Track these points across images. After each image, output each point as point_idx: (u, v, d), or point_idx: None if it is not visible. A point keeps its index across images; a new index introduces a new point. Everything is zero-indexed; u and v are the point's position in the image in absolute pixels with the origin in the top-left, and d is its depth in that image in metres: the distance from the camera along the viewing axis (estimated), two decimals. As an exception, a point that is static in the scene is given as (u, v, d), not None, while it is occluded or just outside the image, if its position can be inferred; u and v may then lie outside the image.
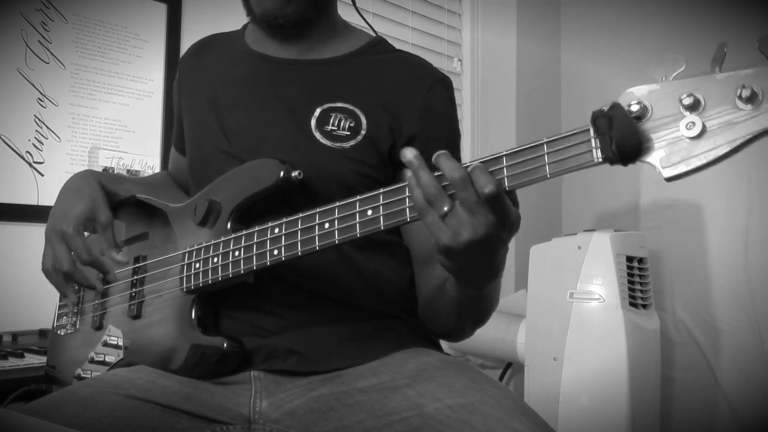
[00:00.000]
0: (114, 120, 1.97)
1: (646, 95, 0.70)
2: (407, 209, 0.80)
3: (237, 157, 1.04)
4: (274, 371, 0.99)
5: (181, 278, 1.01)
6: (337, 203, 0.86)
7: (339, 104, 1.03)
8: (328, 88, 1.05)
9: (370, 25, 1.18)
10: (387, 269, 1.05)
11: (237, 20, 1.20)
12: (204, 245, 0.99)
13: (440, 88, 1.07)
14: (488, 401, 0.85)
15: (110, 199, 1.10)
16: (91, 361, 1.09)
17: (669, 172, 0.69)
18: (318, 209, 0.88)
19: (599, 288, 2.00)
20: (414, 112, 1.04)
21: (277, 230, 0.91)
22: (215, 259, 0.97)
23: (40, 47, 1.84)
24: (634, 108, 0.69)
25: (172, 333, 1.01)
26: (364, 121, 1.02)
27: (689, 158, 0.68)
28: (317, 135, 1.02)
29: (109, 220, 1.07)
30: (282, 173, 0.96)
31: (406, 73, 1.07)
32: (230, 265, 0.96)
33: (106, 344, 1.08)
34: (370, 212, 0.83)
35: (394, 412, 0.88)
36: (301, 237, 0.89)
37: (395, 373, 0.95)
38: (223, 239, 0.98)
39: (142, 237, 1.12)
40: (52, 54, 1.86)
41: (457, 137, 1.10)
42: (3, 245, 1.76)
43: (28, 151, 1.81)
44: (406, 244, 1.07)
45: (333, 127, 1.02)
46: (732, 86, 0.66)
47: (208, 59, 1.17)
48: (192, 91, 1.16)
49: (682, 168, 0.68)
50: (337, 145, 1.01)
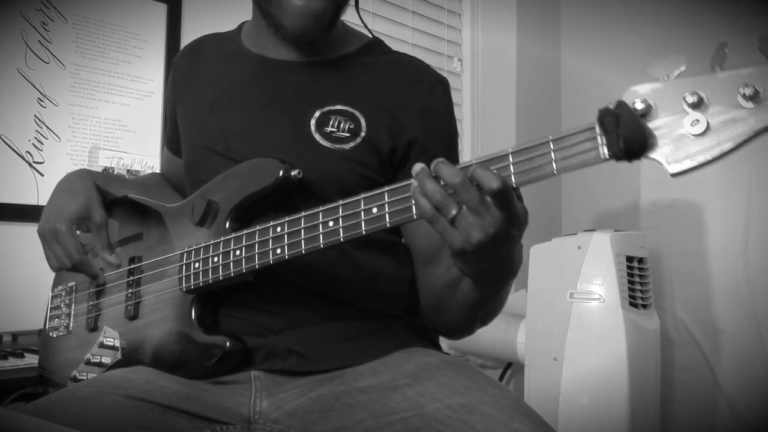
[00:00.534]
0: (114, 120, 1.97)
1: (650, 93, 0.71)
2: (413, 206, 0.81)
3: (235, 160, 1.04)
4: (274, 371, 0.99)
5: (180, 278, 1.01)
6: (341, 202, 0.86)
7: (338, 107, 1.03)
8: (327, 91, 1.05)
9: (366, 26, 1.18)
10: (387, 269, 1.05)
11: (237, 20, 1.20)
12: (203, 245, 0.99)
13: (439, 90, 1.08)
14: (488, 401, 0.85)
15: (104, 198, 1.10)
16: (88, 363, 1.08)
17: (674, 168, 0.70)
18: (321, 208, 0.88)
19: (599, 288, 2.00)
20: (414, 114, 1.04)
21: (279, 229, 0.91)
22: (215, 259, 0.97)
23: (40, 47, 1.84)
24: (639, 106, 0.70)
25: (172, 333, 1.01)
26: (364, 123, 1.03)
27: (694, 154, 0.69)
28: (317, 137, 1.02)
29: (104, 220, 1.07)
30: (281, 172, 0.96)
31: (405, 74, 1.07)
32: (231, 264, 0.95)
33: (102, 345, 1.08)
34: (375, 210, 0.83)
35: (394, 412, 0.88)
36: (305, 235, 0.89)
37: (395, 373, 0.95)
38: (223, 239, 0.97)
39: (137, 238, 1.12)
40: (52, 54, 1.86)
41: (455, 137, 1.10)
42: (3, 245, 1.76)
43: (28, 151, 1.81)
44: (407, 243, 1.07)
45: (333, 129, 1.02)
46: (734, 85, 0.68)
47: (204, 60, 1.17)
48: (188, 92, 1.16)
49: (688, 164, 0.69)
50: (337, 146, 1.01)
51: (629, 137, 0.70)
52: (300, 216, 0.90)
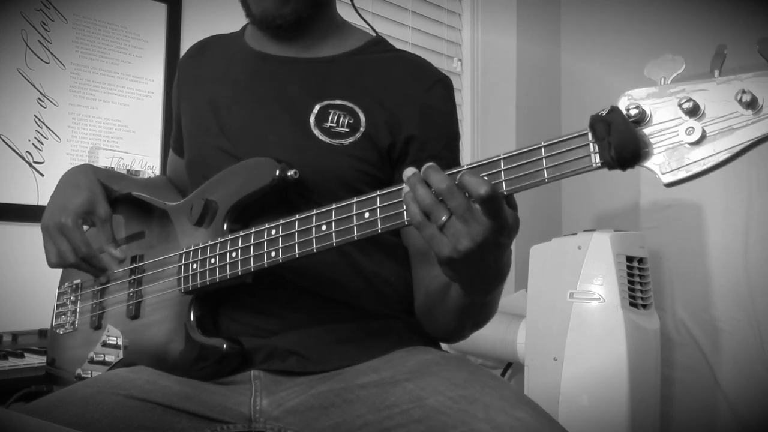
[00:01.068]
0: (114, 120, 1.97)
1: (645, 98, 0.69)
2: (405, 212, 0.80)
3: (236, 156, 1.04)
4: (274, 371, 0.99)
5: (179, 279, 1.01)
6: (334, 205, 0.86)
7: (338, 101, 1.03)
8: (327, 86, 1.05)
9: (369, 25, 1.18)
10: (387, 270, 1.05)
11: (237, 20, 1.20)
12: (201, 246, 0.99)
13: (440, 88, 1.07)
14: (489, 392, 0.85)
15: (107, 194, 1.10)
16: (91, 361, 1.09)
17: (668, 178, 0.68)
18: (315, 211, 0.87)
19: (599, 288, 2.00)
20: (413, 112, 1.04)
21: (273, 232, 0.91)
22: (212, 260, 0.97)
23: (40, 47, 1.84)
24: (633, 112, 0.68)
25: (171, 333, 1.01)
26: (363, 119, 1.02)
27: (689, 164, 0.67)
28: (316, 132, 1.02)
29: (108, 215, 1.07)
30: (278, 172, 0.96)
31: (406, 72, 1.07)
32: (228, 266, 0.95)
33: (105, 344, 1.08)
34: (367, 215, 0.83)
35: (395, 405, 0.88)
36: (299, 239, 0.89)
37: (395, 370, 0.95)
38: (219, 240, 0.97)
39: (139, 236, 1.12)
40: (52, 54, 1.86)
41: (456, 137, 1.10)
42: (3, 245, 1.76)
43: (28, 151, 1.81)
44: (404, 242, 1.07)
45: (332, 124, 1.02)
46: (732, 91, 0.65)
47: (207, 60, 1.17)
48: (191, 91, 1.16)
49: (682, 174, 0.67)
50: (336, 142, 1.01)
51: (621, 145, 0.68)
52: (294, 219, 0.89)
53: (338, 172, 1.01)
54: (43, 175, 1.82)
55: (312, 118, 1.02)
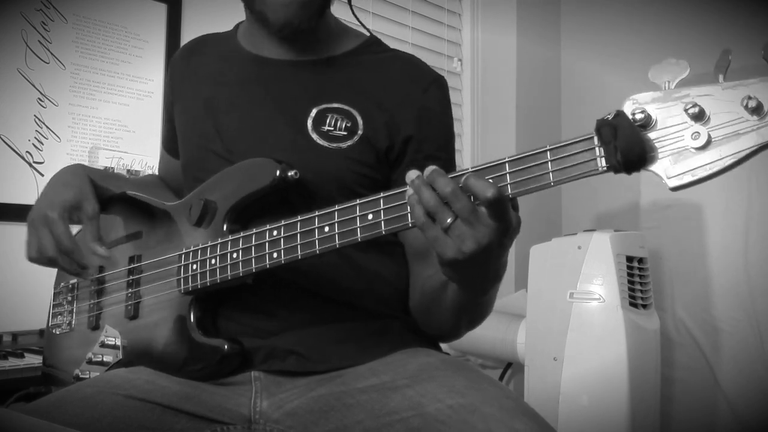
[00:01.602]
0: (114, 120, 1.97)
1: (650, 103, 0.69)
2: (409, 215, 0.80)
3: (232, 159, 1.04)
4: (274, 371, 0.99)
5: (179, 279, 1.01)
6: (337, 207, 0.86)
7: (335, 105, 1.03)
8: (324, 89, 1.05)
9: (363, 25, 1.18)
10: (386, 270, 1.05)
11: (237, 20, 1.19)
12: (201, 247, 0.99)
13: (436, 89, 1.07)
14: (489, 401, 0.85)
15: (99, 193, 1.08)
16: (89, 362, 1.09)
17: (674, 183, 0.68)
18: (317, 213, 0.87)
19: (599, 288, 2.00)
20: (410, 113, 1.04)
21: (275, 233, 0.91)
22: (213, 261, 0.97)
23: (40, 47, 1.84)
24: (639, 117, 0.69)
25: (171, 334, 1.01)
26: (361, 122, 1.02)
27: (695, 169, 0.67)
28: (314, 136, 1.02)
29: (95, 212, 1.05)
30: (278, 173, 0.96)
31: (402, 73, 1.07)
32: (228, 267, 0.95)
33: (103, 345, 1.08)
34: (371, 216, 0.83)
35: (394, 412, 0.88)
36: (301, 240, 0.88)
37: (395, 373, 0.95)
38: (220, 241, 0.97)
39: (136, 236, 1.12)
40: (52, 54, 1.86)
41: (451, 137, 1.10)
42: (3, 245, 1.76)
43: (28, 151, 1.81)
44: (401, 239, 1.07)
45: (329, 128, 1.02)
46: (738, 96, 0.66)
47: (201, 60, 1.17)
48: (185, 92, 1.16)
49: (688, 178, 0.68)
50: (334, 145, 1.01)
51: (627, 149, 0.68)
52: (296, 220, 0.89)
53: (336, 175, 1.01)
54: (43, 175, 1.82)
55: (309, 122, 1.02)
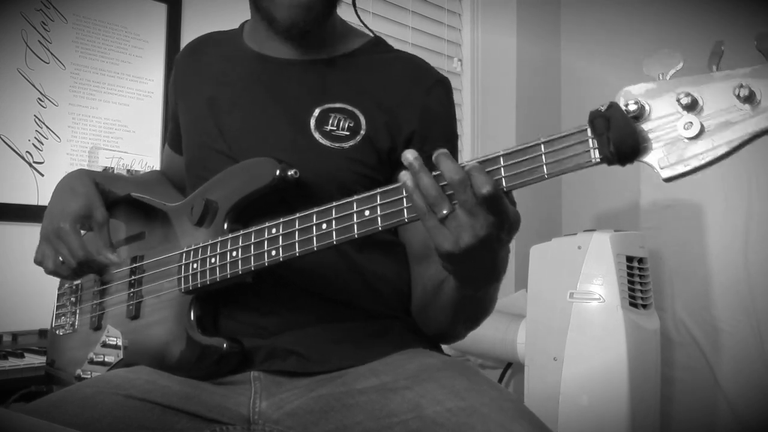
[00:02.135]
0: (114, 120, 1.97)
1: (644, 94, 0.69)
2: (405, 210, 0.80)
3: (234, 158, 1.04)
4: (274, 371, 0.99)
5: (179, 278, 1.01)
6: (334, 203, 0.86)
7: (338, 105, 1.03)
8: (327, 89, 1.05)
9: (366, 26, 1.18)
10: (386, 269, 1.05)
11: (237, 20, 1.20)
12: (201, 245, 0.99)
13: (439, 89, 1.07)
14: (488, 403, 0.85)
15: (104, 197, 1.10)
16: (91, 362, 1.09)
17: (667, 173, 0.68)
18: (315, 209, 0.88)
19: (599, 288, 2.00)
20: (413, 113, 1.04)
21: (274, 230, 0.91)
22: (213, 260, 0.97)
23: (40, 47, 1.84)
24: (632, 108, 0.69)
25: (171, 333, 1.01)
26: (363, 122, 1.02)
27: (688, 159, 0.67)
28: (316, 135, 1.02)
29: (105, 219, 1.07)
30: (278, 172, 0.96)
31: (405, 73, 1.07)
32: (228, 265, 0.95)
33: (105, 345, 1.08)
34: (367, 212, 0.83)
35: (394, 414, 0.88)
36: (299, 237, 0.89)
37: (395, 374, 0.94)
38: (220, 239, 0.97)
39: (139, 237, 1.12)
40: (52, 54, 1.86)
41: (455, 138, 1.10)
42: (3, 245, 1.76)
43: (28, 151, 1.81)
44: (402, 240, 1.07)
45: (332, 128, 1.02)
46: (730, 85, 0.66)
47: (205, 58, 1.17)
48: (188, 90, 1.16)
49: (681, 168, 0.67)
50: (337, 145, 1.01)
51: (620, 141, 0.68)
52: (294, 217, 0.90)
53: (337, 175, 1.01)
54: (43, 175, 1.82)
55: (312, 121, 1.02)
